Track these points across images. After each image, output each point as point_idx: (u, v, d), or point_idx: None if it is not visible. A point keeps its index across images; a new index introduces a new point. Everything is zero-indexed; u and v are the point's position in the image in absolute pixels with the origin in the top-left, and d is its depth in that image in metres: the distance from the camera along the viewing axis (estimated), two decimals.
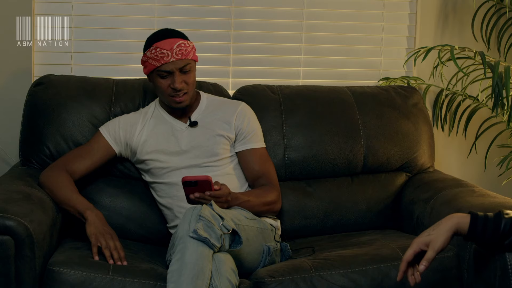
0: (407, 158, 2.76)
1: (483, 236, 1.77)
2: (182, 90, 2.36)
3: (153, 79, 2.39)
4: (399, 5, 3.18)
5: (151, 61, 2.35)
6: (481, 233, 1.77)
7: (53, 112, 2.56)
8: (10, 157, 2.87)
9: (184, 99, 2.38)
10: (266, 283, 2.09)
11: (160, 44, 2.33)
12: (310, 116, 2.71)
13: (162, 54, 2.32)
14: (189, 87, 2.38)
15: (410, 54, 3.10)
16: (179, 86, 2.34)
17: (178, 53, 2.32)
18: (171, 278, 1.92)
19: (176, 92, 2.36)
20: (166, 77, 2.35)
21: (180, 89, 2.35)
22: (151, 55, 2.34)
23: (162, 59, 2.32)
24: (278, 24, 3.09)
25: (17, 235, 1.96)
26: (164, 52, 2.32)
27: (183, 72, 2.35)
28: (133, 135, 2.47)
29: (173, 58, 2.32)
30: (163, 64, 2.33)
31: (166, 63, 2.32)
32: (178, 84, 2.34)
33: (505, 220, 1.76)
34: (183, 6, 3.02)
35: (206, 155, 2.42)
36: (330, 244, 2.48)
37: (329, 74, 3.14)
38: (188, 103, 2.41)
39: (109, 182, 2.56)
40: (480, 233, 1.77)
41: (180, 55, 2.33)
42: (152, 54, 2.34)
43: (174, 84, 2.34)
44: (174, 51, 2.32)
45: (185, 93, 2.38)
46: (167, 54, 2.31)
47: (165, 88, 2.37)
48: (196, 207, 2.01)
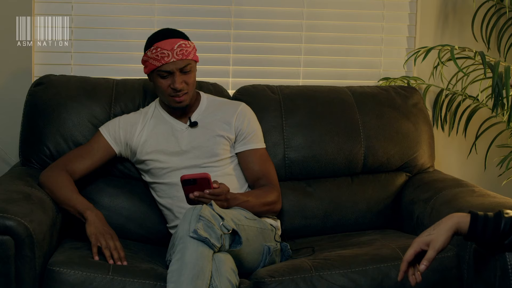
0: (407, 158, 2.76)
1: (483, 236, 1.77)
2: (182, 91, 2.36)
3: (154, 79, 2.39)
4: (399, 5, 3.18)
5: (152, 61, 2.35)
6: (481, 233, 1.76)
7: (53, 112, 2.56)
8: (10, 157, 2.87)
9: (184, 99, 2.38)
10: (266, 283, 2.09)
11: (160, 44, 2.33)
12: (310, 116, 2.71)
13: (163, 54, 2.32)
14: (189, 87, 2.39)
15: (410, 54, 3.10)
16: (179, 87, 2.34)
17: (178, 53, 2.32)
18: (171, 278, 1.92)
19: (176, 92, 2.36)
20: (166, 77, 2.35)
21: (180, 90, 2.35)
22: (152, 55, 2.34)
23: (163, 59, 2.32)
24: (278, 24, 3.09)
25: (17, 235, 1.96)
26: (165, 52, 2.32)
27: (183, 73, 2.35)
28: (133, 135, 2.47)
29: (173, 58, 2.32)
30: (163, 64, 2.33)
31: (167, 63, 2.32)
32: (178, 84, 2.34)
33: (505, 219, 1.75)
34: (183, 6, 3.02)
35: (206, 155, 2.42)
36: (330, 244, 2.48)
37: (329, 74, 3.14)
38: (188, 103, 2.41)
39: (109, 182, 2.56)
40: (480, 232, 1.76)
41: (180, 56, 2.33)
42: (153, 54, 2.34)
43: (174, 84, 2.34)
44: (174, 51, 2.32)
45: (185, 93, 2.38)
46: (167, 54, 2.31)
47: (165, 88, 2.37)
48: (196, 207, 2.01)
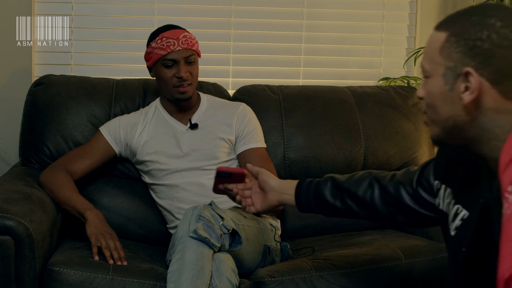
0: (407, 158, 2.76)
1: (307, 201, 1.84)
2: (187, 81, 2.37)
3: (157, 70, 2.40)
4: (399, 5, 3.18)
5: (157, 51, 2.36)
6: (305, 198, 1.85)
7: (53, 112, 2.56)
8: (10, 157, 2.87)
9: (188, 90, 2.39)
10: (266, 283, 2.09)
11: (166, 33, 2.37)
12: (310, 116, 2.71)
13: (169, 43, 2.34)
14: (193, 78, 2.40)
15: (410, 54, 3.10)
16: (184, 75, 2.35)
17: (184, 43, 2.36)
18: (171, 278, 1.92)
19: (181, 82, 2.37)
20: (171, 67, 2.36)
21: (185, 79, 2.36)
22: (157, 45, 2.36)
23: (168, 48, 2.34)
24: (278, 24, 3.09)
25: (17, 235, 1.96)
26: (171, 41, 2.34)
27: (188, 63, 2.37)
28: (134, 136, 2.46)
29: (179, 47, 2.34)
30: (169, 53, 2.35)
31: (172, 51, 2.34)
32: (184, 73, 2.35)
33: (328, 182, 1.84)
34: (183, 6, 3.02)
35: (206, 158, 2.42)
36: (330, 244, 2.48)
37: (329, 74, 3.15)
38: (191, 95, 2.41)
39: (109, 182, 2.56)
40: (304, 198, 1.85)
41: (186, 45, 2.36)
42: (158, 44, 2.36)
43: (179, 73, 2.35)
44: (180, 40, 2.35)
45: (189, 84, 2.38)
46: (173, 43, 2.34)
47: (170, 78, 2.37)
48: (196, 207, 2.01)
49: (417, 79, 3.13)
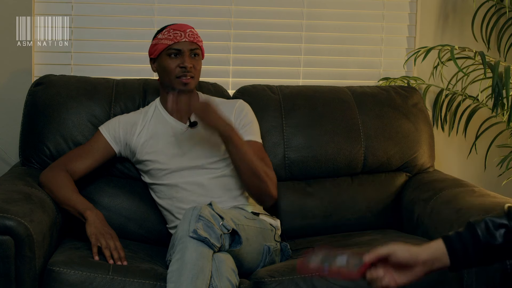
0: (407, 158, 2.76)
1: (466, 255, 1.52)
2: (190, 72, 2.38)
3: (161, 61, 2.41)
4: (399, 5, 3.18)
5: (164, 41, 2.40)
6: (463, 252, 1.52)
7: (53, 112, 2.56)
8: (10, 157, 2.87)
9: (190, 82, 2.40)
10: (266, 283, 2.09)
11: (174, 26, 2.43)
12: (310, 116, 2.71)
13: (176, 34, 2.40)
14: (196, 72, 2.42)
15: (410, 54, 3.10)
16: (189, 65, 2.38)
17: (190, 36, 2.42)
18: (171, 278, 1.92)
19: (184, 72, 2.37)
20: (176, 57, 2.39)
21: (189, 70, 2.37)
22: (164, 36, 2.41)
23: (175, 38, 2.39)
24: (278, 24, 3.09)
25: (17, 235, 1.96)
26: (178, 33, 2.40)
27: (192, 56, 2.41)
28: (133, 135, 2.46)
29: (186, 38, 2.40)
30: (175, 43, 2.39)
31: (179, 41, 2.39)
32: (188, 63, 2.38)
33: (479, 225, 1.52)
34: (183, 6, 3.02)
35: (205, 157, 2.42)
36: (330, 244, 2.48)
37: (329, 74, 3.14)
38: (193, 88, 2.43)
39: (109, 182, 2.56)
40: (461, 252, 1.52)
41: (192, 38, 2.42)
42: (165, 35, 2.41)
43: (184, 63, 2.38)
44: (187, 33, 2.42)
45: (192, 76, 2.40)
46: (180, 34, 2.40)
47: (173, 68, 2.39)
48: (196, 207, 2.01)
49: (417, 79, 3.12)
